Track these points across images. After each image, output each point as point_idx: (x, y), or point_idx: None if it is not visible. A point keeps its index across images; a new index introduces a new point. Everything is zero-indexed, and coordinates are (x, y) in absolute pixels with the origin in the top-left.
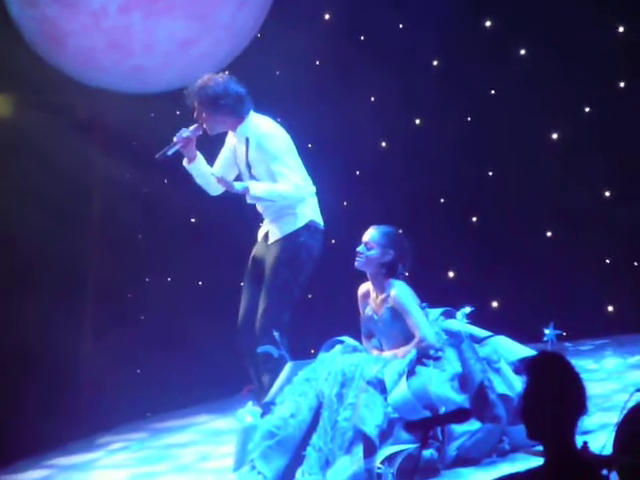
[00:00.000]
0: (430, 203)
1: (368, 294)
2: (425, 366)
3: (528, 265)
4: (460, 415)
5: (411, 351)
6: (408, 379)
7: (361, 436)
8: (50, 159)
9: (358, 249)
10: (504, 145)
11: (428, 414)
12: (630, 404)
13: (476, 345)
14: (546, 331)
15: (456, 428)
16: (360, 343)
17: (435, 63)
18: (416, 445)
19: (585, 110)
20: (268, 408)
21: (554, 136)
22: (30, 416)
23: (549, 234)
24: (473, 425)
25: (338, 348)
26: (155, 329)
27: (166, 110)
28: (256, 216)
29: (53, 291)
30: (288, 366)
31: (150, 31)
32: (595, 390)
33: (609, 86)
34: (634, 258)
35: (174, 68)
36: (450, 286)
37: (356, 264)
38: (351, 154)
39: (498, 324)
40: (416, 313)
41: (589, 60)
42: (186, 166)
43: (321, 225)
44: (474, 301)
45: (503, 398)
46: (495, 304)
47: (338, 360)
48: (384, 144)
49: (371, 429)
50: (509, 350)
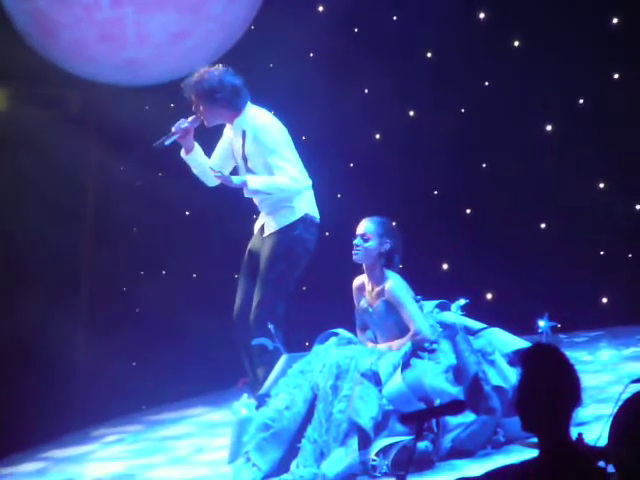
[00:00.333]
0: (424, 195)
1: (363, 286)
2: (420, 358)
3: (522, 257)
4: (455, 407)
5: (406, 344)
6: (403, 371)
7: (356, 428)
8: (44, 153)
9: (355, 242)
10: (498, 137)
11: (423, 406)
12: (625, 395)
13: (471, 337)
14: (540, 323)
15: (451, 420)
16: (355, 335)
17: (429, 55)
18: (411, 437)
19: (579, 102)
20: (263, 400)
21: (548, 128)
22: (25, 408)
23: (543, 226)
24: (468, 417)
25: (333, 340)
26: (150, 322)
27: (160, 103)
28: (251, 209)
29: (48, 284)
30: (283, 358)
31: (142, 23)
32: (590, 382)
33: (603, 78)
34: (628, 250)
35: (167, 60)
36: (444, 278)
37: (355, 258)
38: (345, 146)
39: (492, 316)
40: (411, 306)
41: (583, 52)
42: (183, 157)
43: (317, 218)
44: (468, 293)
45: (498, 390)
46: (489, 296)
47: (333, 352)
48: (378, 136)
49: (366, 421)
50: (504, 342)
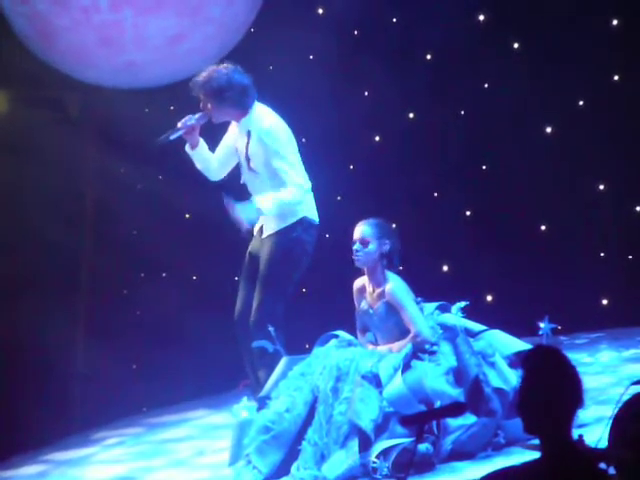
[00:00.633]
0: (424, 197)
1: (364, 288)
2: (420, 360)
3: (523, 259)
4: (455, 409)
5: (406, 346)
6: (403, 373)
7: (356, 430)
8: (44, 155)
9: (354, 247)
10: (498, 139)
11: (423, 408)
12: (625, 397)
13: (471, 339)
14: (541, 325)
15: (451, 422)
16: (355, 337)
17: (429, 57)
18: (411, 439)
19: (579, 104)
20: (263, 403)
21: (548, 130)
22: (26, 411)
23: (543, 228)
24: (468, 419)
25: (333, 342)
26: (151, 324)
27: (160, 105)
28: None
29: (48, 286)
30: (283, 361)
31: (141, 26)
32: (590, 383)
33: (603, 79)
34: (628, 251)
35: (165, 63)
36: (445, 280)
37: (357, 263)
38: (345, 148)
39: (493, 318)
40: (411, 308)
41: (583, 54)
42: (188, 151)
43: (315, 221)
44: (469, 295)
45: (498, 392)
46: (490, 298)
47: (333, 354)
48: (378, 138)
49: (366, 423)
50: (504, 344)
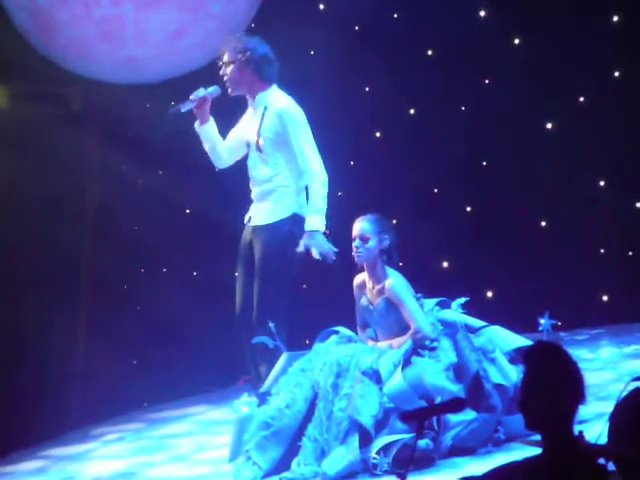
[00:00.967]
0: (424, 193)
1: (364, 284)
2: (420, 356)
3: (523, 255)
4: (455, 405)
5: (407, 342)
6: (403, 369)
7: (356, 426)
8: (45, 151)
9: (355, 244)
10: (498, 135)
11: (424, 404)
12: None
13: (471, 335)
14: (541, 321)
15: (452, 418)
16: (355, 333)
17: (429, 53)
18: (412, 435)
19: (580, 100)
20: (264, 399)
21: (548, 126)
22: (25, 407)
23: (543, 224)
24: (469, 415)
25: (333, 338)
26: (151, 320)
27: (161, 101)
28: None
29: (48, 282)
30: (283, 357)
31: (142, 21)
32: (591, 379)
33: (604, 75)
34: (629, 247)
35: (166, 59)
36: (445, 276)
37: (357, 260)
38: (345, 144)
39: (493, 314)
40: (411, 304)
41: (583, 49)
42: (197, 129)
43: (305, 216)
44: (469, 291)
45: (498, 388)
46: (490, 294)
47: (333, 350)
48: (378, 134)
49: (367, 419)
50: (504, 340)
